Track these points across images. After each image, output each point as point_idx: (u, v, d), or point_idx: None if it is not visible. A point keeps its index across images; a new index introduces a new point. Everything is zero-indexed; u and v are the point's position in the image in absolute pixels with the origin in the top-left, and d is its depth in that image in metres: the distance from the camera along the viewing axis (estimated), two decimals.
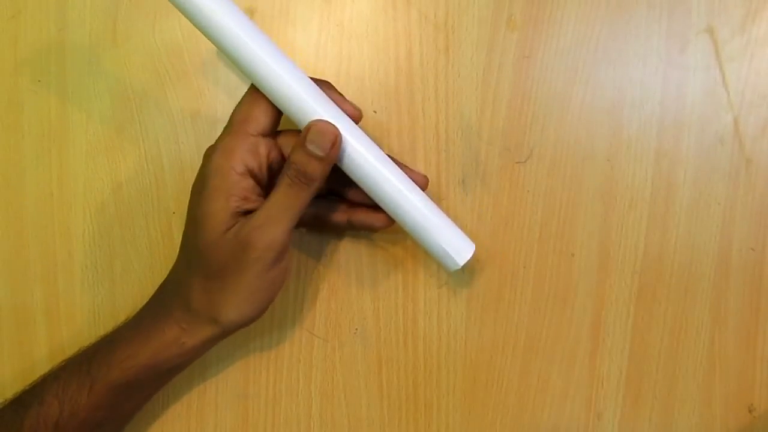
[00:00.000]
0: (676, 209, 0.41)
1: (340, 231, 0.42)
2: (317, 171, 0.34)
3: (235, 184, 0.34)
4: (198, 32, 0.41)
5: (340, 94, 0.36)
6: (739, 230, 0.41)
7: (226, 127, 0.35)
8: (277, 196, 0.34)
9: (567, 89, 0.41)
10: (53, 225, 0.42)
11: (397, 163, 0.36)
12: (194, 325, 0.35)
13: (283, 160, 0.36)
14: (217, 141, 0.35)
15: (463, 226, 0.41)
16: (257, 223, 0.33)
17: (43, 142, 0.42)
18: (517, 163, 0.41)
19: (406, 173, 0.36)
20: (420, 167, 0.41)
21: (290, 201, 0.34)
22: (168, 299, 0.36)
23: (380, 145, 0.41)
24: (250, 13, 0.41)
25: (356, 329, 0.42)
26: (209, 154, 0.35)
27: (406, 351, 0.42)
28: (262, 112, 0.35)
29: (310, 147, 0.33)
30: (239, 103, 0.36)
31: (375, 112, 0.41)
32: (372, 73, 0.41)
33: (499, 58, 0.41)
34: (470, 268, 0.42)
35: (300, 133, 0.34)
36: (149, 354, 0.35)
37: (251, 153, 0.34)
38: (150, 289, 0.41)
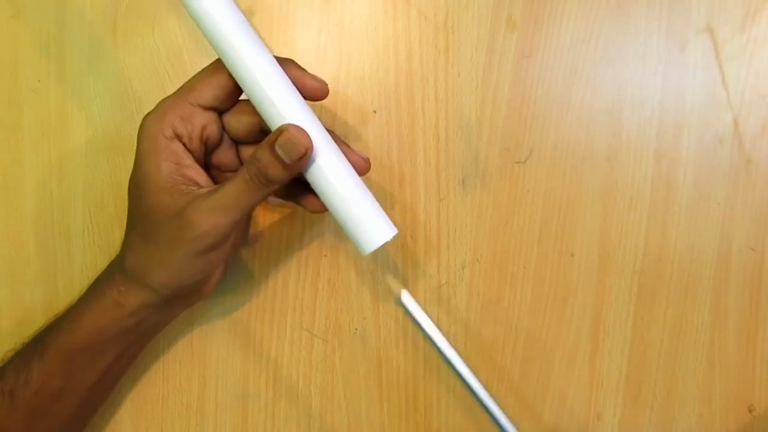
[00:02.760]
0: (676, 209, 0.41)
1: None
2: (279, 176, 0.32)
3: (163, 148, 0.33)
4: (196, 32, 0.41)
5: (303, 69, 0.35)
6: (739, 230, 0.41)
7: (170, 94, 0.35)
8: (231, 187, 0.33)
9: (567, 89, 0.41)
10: (53, 225, 0.42)
11: (336, 140, 0.35)
12: (129, 287, 0.35)
13: (221, 137, 0.36)
14: (157, 104, 0.35)
15: (463, 226, 0.41)
16: (203, 207, 0.33)
17: (43, 142, 0.42)
18: (517, 163, 0.41)
19: (346, 154, 0.35)
20: (420, 167, 0.41)
21: (243, 197, 0.33)
22: (113, 265, 0.37)
23: (380, 145, 0.41)
24: (250, 13, 0.41)
25: (356, 329, 0.42)
26: (145, 116, 0.35)
27: (406, 351, 0.42)
28: (211, 86, 0.34)
29: (279, 151, 0.32)
30: (198, 72, 0.35)
31: (375, 112, 0.41)
32: (372, 73, 0.41)
33: (499, 58, 0.41)
34: (470, 268, 0.42)
35: (260, 122, 0.34)
36: (93, 317, 0.35)
37: (183, 120, 0.34)
38: None
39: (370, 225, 0.34)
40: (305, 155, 0.32)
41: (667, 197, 0.41)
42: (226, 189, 0.33)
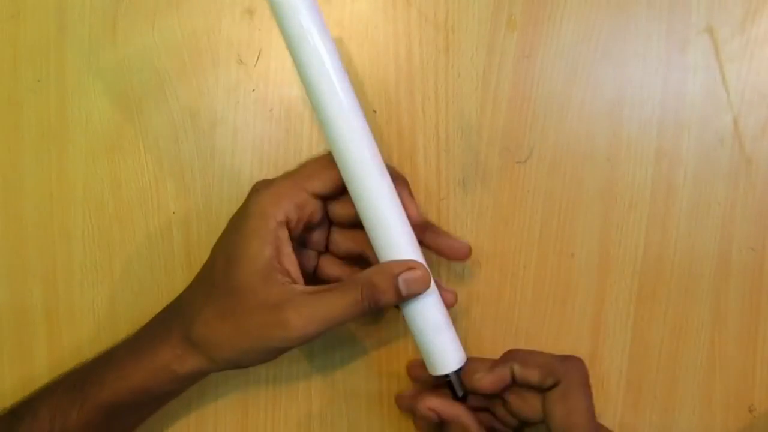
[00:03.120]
0: (676, 209, 0.41)
1: None
2: (389, 302, 0.34)
3: (271, 232, 0.33)
4: (196, 32, 0.41)
5: (411, 196, 0.36)
6: (739, 230, 0.41)
7: (288, 173, 0.35)
8: (337, 302, 0.33)
9: (567, 89, 0.41)
10: (53, 225, 0.42)
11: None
12: (188, 354, 0.34)
13: (323, 221, 0.36)
14: (271, 180, 0.35)
15: (463, 226, 0.41)
16: (304, 312, 0.33)
17: (43, 142, 0.42)
18: (517, 163, 0.41)
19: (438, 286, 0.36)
20: (420, 167, 0.41)
21: (345, 313, 0.33)
22: (171, 322, 0.36)
23: (380, 146, 0.41)
24: (250, 14, 0.41)
25: (357, 329, 0.42)
26: (258, 191, 0.35)
27: (406, 351, 0.42)
28: (329, 179, 0.35)
29: (401, 285, 0.33)
30: (314, 158, 0.36)
31: (375, 112, 0.41)
32: (372, 73, 0.41)
33: (499, 58, 0.41)
34: (470, 268, 0.42)
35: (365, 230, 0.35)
36: (140, 377, 0.35)
37: (297, 207, 0.34)
38: (149, 290, 0.42)
39: (447, 353, 0.36)
40: (422, 293, 0.34)
41: (667, 197, 0.41)
42: (332, 301, 0.33)
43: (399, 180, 0.36)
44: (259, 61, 0.41)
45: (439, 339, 0.35)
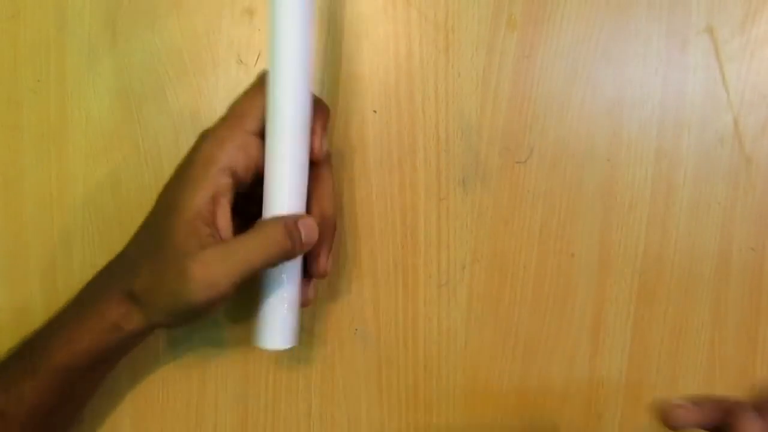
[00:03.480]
0: (676, 209, 0.41)
1: None
2: (294, 253, 0.34)
3: (210, 179, 0.33)
4: (196, 32, 0.41)
5: (324, 126, 0.36)
6: (739, 230, 0.41)
7: (223, 116, 0.35)
8: (247, 249, 0.33)
9: (567, 89, 0.41)
10: (53, 225, 0.42)
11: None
12: (133, 312, 0.34)
13: None
14: (212, 127, 0.35)
15: (463, 226, 0.41)
16: (209, 262, 0.32)
17: (43, 142, 0.42)
18: (517, 163, 0.41)
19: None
20: (420, 167, 0.41)
21: (257, 260, 0.33)
22: (113, 279, 0.35)
23: (380, 145, 0.41)
24: (250, 14, 0.41)
25: (356, 329, 0.42)
26: (202, 137, 0.34)
27: (406, 351, 0.42)
28: (261, 109, 0.34)
29: (303, 232, 0.34)
30: (239, 96, 0.35)
31: (375, 112, 0.41)
32: (372, 73, 0.41)
33: (499, 58, 0.41)
34: (470, 268, 0.42)
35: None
36: (89, 340, 0.34)
37: (240, 150, 0.33)
38: None
39: (287, 330, 0.36)
40: (309, 246, 0.34)
41: (667, 197, 0.41)
42: (243, 239, 0.33)
43: (319, 110, 0.35)
44: (259, 61, 0.41)
45: (289, 315, 0.36)
